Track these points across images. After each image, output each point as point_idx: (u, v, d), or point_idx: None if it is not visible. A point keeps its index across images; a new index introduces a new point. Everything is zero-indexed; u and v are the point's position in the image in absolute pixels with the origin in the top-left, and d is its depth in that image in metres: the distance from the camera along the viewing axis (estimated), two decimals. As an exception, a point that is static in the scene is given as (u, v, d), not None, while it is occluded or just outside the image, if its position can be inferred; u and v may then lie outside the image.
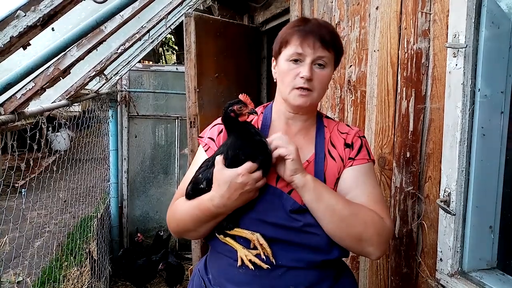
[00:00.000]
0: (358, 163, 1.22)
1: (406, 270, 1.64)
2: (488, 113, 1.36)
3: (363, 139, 1.27)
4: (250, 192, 1.10)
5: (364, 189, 1.19)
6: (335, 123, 1.32)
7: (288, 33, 1.20)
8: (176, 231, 1.28)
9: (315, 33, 1.17)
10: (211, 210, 1.12)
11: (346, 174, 1.21)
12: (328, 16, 2.31)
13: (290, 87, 1.19)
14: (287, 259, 1.13)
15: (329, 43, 1.18)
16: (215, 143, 1.28)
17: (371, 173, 1.24)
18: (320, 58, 1.17)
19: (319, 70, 1.19)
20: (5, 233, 3.85)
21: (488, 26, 1.32)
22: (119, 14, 1.58)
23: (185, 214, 1.19)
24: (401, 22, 1.66)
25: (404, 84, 1.63)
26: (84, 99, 3.05)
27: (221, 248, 1.21)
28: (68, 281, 3.53)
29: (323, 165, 1.21)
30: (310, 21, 1.22)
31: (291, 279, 1.13)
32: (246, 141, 1.12)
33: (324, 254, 1.15)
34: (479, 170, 1.38)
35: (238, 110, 1.12)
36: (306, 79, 1.16)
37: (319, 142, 1.25)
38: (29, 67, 1.16)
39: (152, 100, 5.12)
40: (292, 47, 1.18)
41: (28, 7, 0.96)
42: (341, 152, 1.23)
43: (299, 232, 1.13)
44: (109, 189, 4.84)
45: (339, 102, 2.21)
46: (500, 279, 1.36)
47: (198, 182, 1.19)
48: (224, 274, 1.20)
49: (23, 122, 1.68)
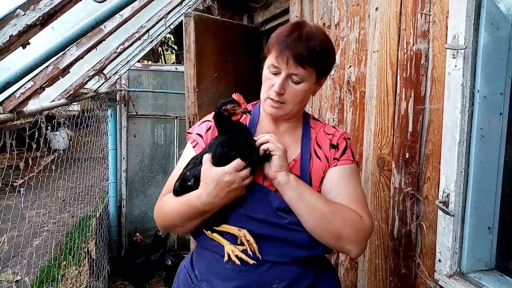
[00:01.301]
0: (342, 163, 1.25)
1: (405, 271, 1.65)
2: (487, 114, 1.36)
3: (348, 141, 1.31)
4: (237, 190, 1.12)
5: (345, 189, 1.22)
6: (322, 124, 1.35)
7: (273, 40, 1.20)
8: (163, 226, 1.29)
9: (291, 49, 1.14)
10: (198, 207, 1.14)
11: (330, 173, 1.24)
12: (327, 16, 2.31)
13: (265, 95, 1.23)
14: (273, 255, 1.17)
15: (304, 60, 1.14)
16: (203, 140, 1.30)
17: (354, 174, 1.27)
18: (294, 75, 1.17)
19: (294, 84, 1.18)
20: (4, 232, 3.85)
21: (488, 27, 1.32)
22: (118, 14, 1.58)
23: (173, 210, 1.22)
24: (400, 23, 1.66)
25: (403, 85, 1.64)
26: (83, 98, 3.05)
27: (207, 244, 1.23)
28: (67, 280, 3.52)
29: (309, 164, 1.24)
30: (295, 32, 1.17)
31: (276, 274, 1.17)
32: (235, 140, 1.14)
33: (308, 250, 1.18)
34: (478, 171, 1.38)
35: (232, 110, 1.13)
36: (276, 93, 1.18)
37: (305, 142, 1.28)
38: (28, 66, 1.16)
39: (151, 100, 5.11)
40: (271, 58, 1.20)
41: (27, 6, 0.96)
42: (326, 152, 1.26)
43: (285, 228, 1.16)
44: (107, 189, 4.83)
45: (338, 102, 2.21)
46: (498, 280, 1.36)
47: (185, 179, 1.20)
48: (211, 269, 1.22)
49: (22, 121, 1.67)
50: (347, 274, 2.10)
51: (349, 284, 2.08)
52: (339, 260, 2.18)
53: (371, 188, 1.83)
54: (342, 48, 2.15)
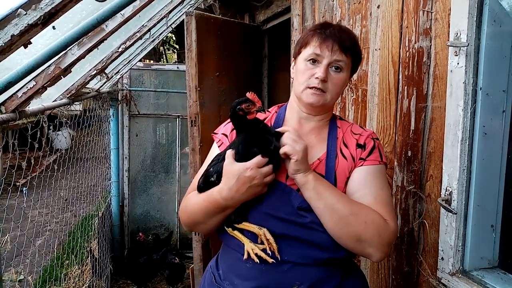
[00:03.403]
0: (368, 163, 1.22)
1: (407, 269, 1.64)
2: (490, 112, 1.36)
3: (376, 141, 1.27)
4: (258, 186, 1.12)
5: (371, 190, 1.19)
6: (349, 124, 1.33)
7: (309, 34, 1.25)
8: (187, 224, 1.31)
9: (335, 36, 1.20)
10: (219, 202, 1.15)
11: (356, 173, 1.21)
12: (329, 14, 2.30)
13: (304, 85, 1.23)
14: (294, 255, 1.15)
15: (347, 48, 1.21)
16: (228, 139, 1.32)
17: (381, 175, 1.24)
18: (337, 61, 1.21)
19: (335, 73, 1.22)
20: (7, 232, 3.87)
21: (490, 24, 1.32)
22: (120, 13, 1.58)
23: (196, 206, 1.23)
24: (402, 21, 1.65)
25: (405, 83, 1.63)
26: (85, 98, 3.06)
27: (230, 242, 1.23)
28: (69, 279, 3.53)
29: (335, 163, 1.22)
30: (332, 26, 1.25)
31: (297, 275, 1.15)
32: (256, 137, 1.15)
33: (330, 252, 1.15)
34: (481, 169, 1.38)
35: (246, 109, 1.14)
36: (320, 80, 1.19)
37: (331, 141, 1.26)
38: (30, 66, 1.16)
39: (153, 99, 5.12)
40: (311, 48, 1.22)
41: (29, 6, 0.96)
42: (353, 151, 1.24)
43: (306, 228, 1.14)
44: (110, 188, 4.84)
45: (340, 100, 2.21)
46: (501, 278, 1.36)
47: (209, 175, 1.22)
48: (233, 269, 1.22)
49: (24, 121, 1.68)
50: (349, 273, 2.10)
51: (351, 282, 2.08)
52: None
53: (373, 187, 1.83)
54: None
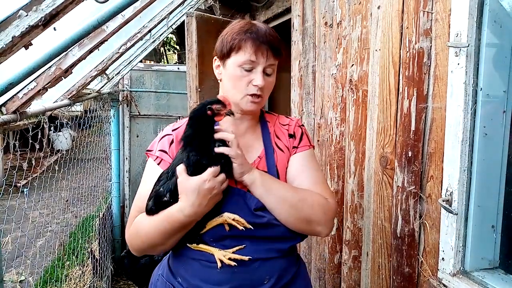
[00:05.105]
0: (301, 150, 1.32)
1: (408, 270, 1.64)
2: (490, 112, 1.36)
3: (302, 127, 1.38)
4: (216, 195, 1.13)
5: (308, 174, 1.28)
6: (276, 117, 1.41)
7: (241, 39, 1.23)
8: (140, 249, 1.22)
9: (267, 42, 1.23)
10: (181, 221, 1.11)
11: (292, 161, 1.30)
12: (329, 15, 2.31)
13: (243, 93, 1.25)
14: (261, 252, 1.19)
15: (278, 52, 1.26)
16: (168, 155, 1.27)
17: (313, 158, 1.35)
18: (270, 66, 1.25)
19: (267, 77, 1.26)
20: (8, 233, 3.87)
21: (491, 25, 1.32)
22: (120, 14, 1.58)
23: (152, 229, 1.15)
24: (402, 21, 1.65)
25: (406, 84, 1.63)
26: (86, 99, 3.06)
27: (192, 254, 1.21)
28: (70, 280, 3.54)
29: (274, 158, 1.29)
30: (259, 28, 1.25)
31: (267, 270, 1.20)
32: (207, 145, 1.12)
33: (290, 240, 1.24)
34: (481, 169, 1.37)
35: (217, 110, 1.12)
36: (259, 87, 1.23)
37: (266, 137, 1.33)
38: (31, 67, 1.16)
39: (153, 100, 5.12)
40: (246, 54, 1.22)
41: (30, 7, 0.96)
42: (286, 142, 1.33)
43: (266, 227, 1.19)
44: (111, 189, 4.84)
45: (340, 101, 2.20)
46: (502, 279, 1.35)
47: (160, 195, 1.14)
48: (199, 276, 1.19)
49: (25, 122, 1.68)
50: (350, 273, 2.09)
51: (352, 283, 2.08)
52: (342, 259, 2.18)
53: (373, 187, 1.83)
54: (344, 46, 2.15)
